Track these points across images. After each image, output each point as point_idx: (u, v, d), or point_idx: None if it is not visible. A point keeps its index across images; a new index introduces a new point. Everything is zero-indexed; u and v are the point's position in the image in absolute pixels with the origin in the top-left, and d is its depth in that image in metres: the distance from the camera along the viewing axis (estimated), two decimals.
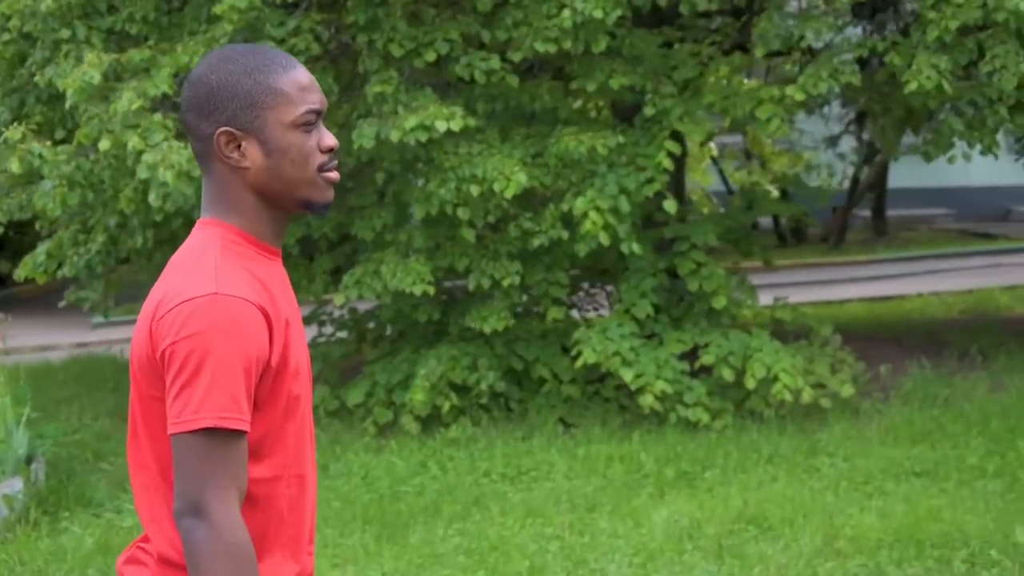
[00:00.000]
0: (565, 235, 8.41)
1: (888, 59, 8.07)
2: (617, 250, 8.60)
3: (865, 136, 15.04)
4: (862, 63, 9.22)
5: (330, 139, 2.22)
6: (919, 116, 9.40)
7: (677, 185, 10.31)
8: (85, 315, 14.82)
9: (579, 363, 8.40)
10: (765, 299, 14.36)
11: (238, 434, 2.07)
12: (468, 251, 8.63)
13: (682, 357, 8.82)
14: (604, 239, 8.14)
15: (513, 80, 8.41)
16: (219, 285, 2.08)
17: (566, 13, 7.92)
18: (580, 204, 8.16)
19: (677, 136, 10.54)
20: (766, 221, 20.56)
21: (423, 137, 7.76)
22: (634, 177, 8.37)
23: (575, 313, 10.14)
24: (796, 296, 15.29)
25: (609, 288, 9.80)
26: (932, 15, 7.77)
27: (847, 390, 8.50)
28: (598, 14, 7.87)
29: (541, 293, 8.93)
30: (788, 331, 9.74)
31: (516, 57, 8.30)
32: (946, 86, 7.66)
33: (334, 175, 2.22)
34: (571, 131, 8.38)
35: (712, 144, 15.81)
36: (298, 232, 8.78)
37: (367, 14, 8.13)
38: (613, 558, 5.94)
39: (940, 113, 8.44)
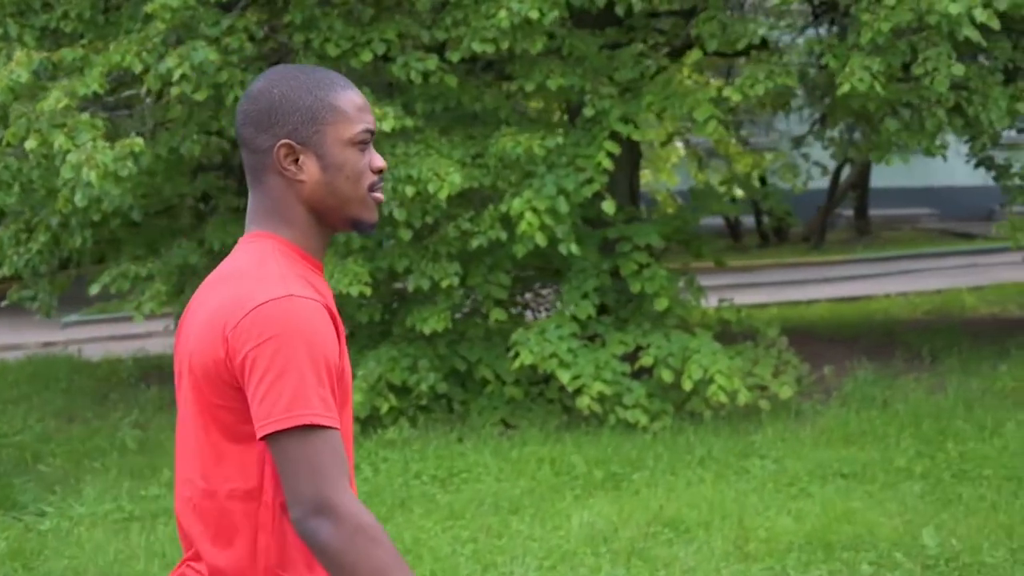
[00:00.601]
0: (504, 236, 8.39)
1: (825, 61, 8.05)
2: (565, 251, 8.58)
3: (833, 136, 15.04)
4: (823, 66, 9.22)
5: (380, 160, 2.27)
6: (871, 118, 9.39)
7: (630, 185, 10.30)
8: (58, 314, 14.78)
9: (515, 364, 8.38)
10: (742, 299, 14.38)
11: (333, 430, 2.07)
12: (408, 252, 8.61)
13: (624, 358, 8.80)
14: (540, 240, 8.13)
15: (452, 80, 8.39)
16: (289, 288, 2.11)
17: (502, 13, 7.91)
18: (517, 205, 8.14)
19: (617, 137, 10.55)
20: (748, 220, 20.58)
21: None
22: (573, 178, 8.35)
23: (529, 314, 10.13)
24: (772, 296, 15.34)
25: (556, 289, 9.78)
26: (867, 17, 7.75)
27: (786, 392, 8.48)
28: (534, 14, 7.86)
29: (484, 294, 8.91)
30: (736, 332, 9.72)
31: (454, 57, 8.28)
32: (878, 88, 7.64)
33: (381, 196, 2.27)
34: (509, 132, 8.37)
35: (680, 144, 15.79)
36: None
37: (304, 13, 8.12)
38: (523, 561, 5.92)
39: (880, 116, 8.40)
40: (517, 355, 8.45)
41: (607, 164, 8.35)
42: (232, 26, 7.88)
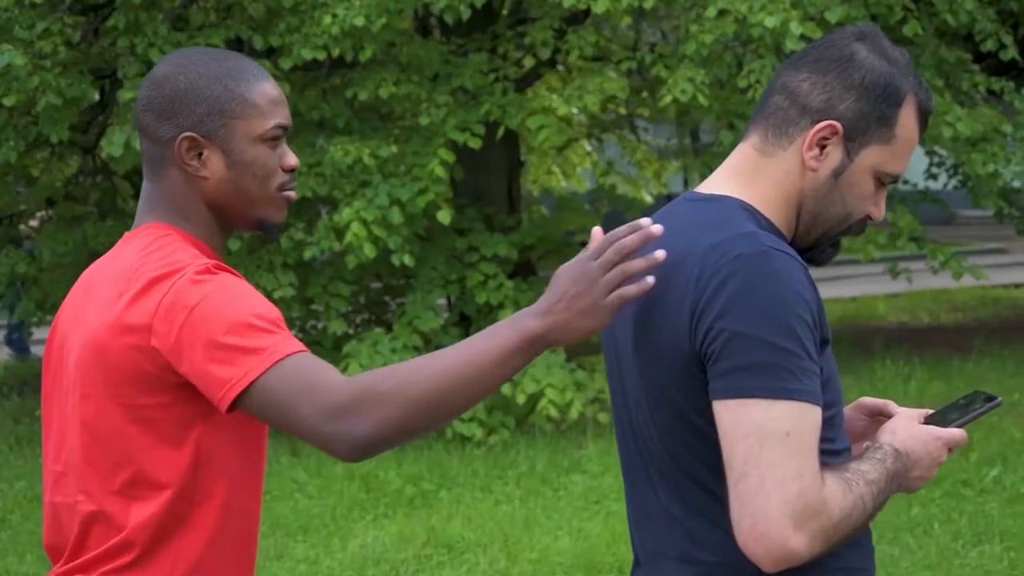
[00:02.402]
0: (337, 246, 8.25)
1: (655, 71, 7.93)
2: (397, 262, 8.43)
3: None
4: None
5: (292, 158, 2.11)
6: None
7: (509, 192, 10.17)
8: None
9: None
10: None
11: (305, 353, 1.95)
12: (243, 261, 8.46)
13: None
14: (369, 251, 7.97)
15: (284, 88, 8.24)
16: (207, 263, 1.98)
17: (327, 20, 7.78)
18: (346, 215, 8.00)
19: (517, 143, 10.38)
20: None
21: None
22: (408, 188, 8.20)
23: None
24: None
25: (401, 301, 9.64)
26: (694, 28, 7.64)
27: None
28: (359, 22, 7.73)
29: (324, 305, 8.77)
30: (600, 344, 9.55)
31: (286, 64, 8.15)
32: (701, 99, 7.51)
33: (293, 195, 2.12)
34: (340, 141, 8.23)
35: (591, 149, 15.66)
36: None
37: (128, 17, 7.96)
38: None
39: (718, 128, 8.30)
40: (346, 368, 8.30)
41: (441, 173, 8.20)
42: (47, 29, 7.72)
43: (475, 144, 8.35)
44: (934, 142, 8.96)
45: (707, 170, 13.20)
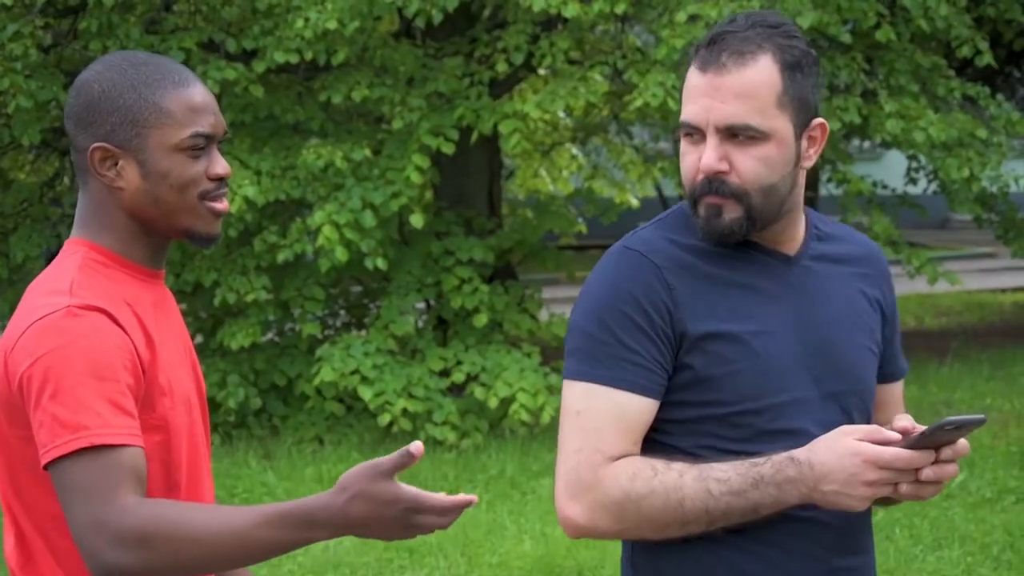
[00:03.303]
0: (310, 249, 8.25)
1: (627, 76, 7.94)
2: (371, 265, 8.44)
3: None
4: None
5: (220, 167, 2.04)
6: None
7: (489, 195, 10.18)
8: None
9: (316, 380, 8.23)
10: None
11: (117, 448, 1.86)
12: (216, 265, 8.47)
13: (443, 375, 8.66)
14: (341, 255, 7.97)
15: (258, 91, 8.25)
16: (70, 300, 1.92)
17: (300, 23, 7.79)
18: (318, 218, 8.01)
19: (495, 147, 10.37)
20: None
21: None
22: (382, 191, 8.20)
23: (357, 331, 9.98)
24: None
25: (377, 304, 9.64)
26: (666, 33, 7.65)
27: None
28: (331, 25, 7.75)
29: (298, 307, 8.78)
30: None
31: (259, 67, 8.15)
32: (672, 104, 7.51)
33: (220, 205, 2.05)
34: (313, 145, 8.24)
35: (578, 153, 15.69)
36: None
37: (100, 20, 7.97)
38: None
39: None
40: (319, 371, 8.30)
41: (415, 178, 8.21)
42: (18, 32, 7.72)
43: (448, 149, 8.34)
44: (910, 147, 8.96)
45: None
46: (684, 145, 2.09)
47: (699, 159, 2.06)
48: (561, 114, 12.34)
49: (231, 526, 1.84)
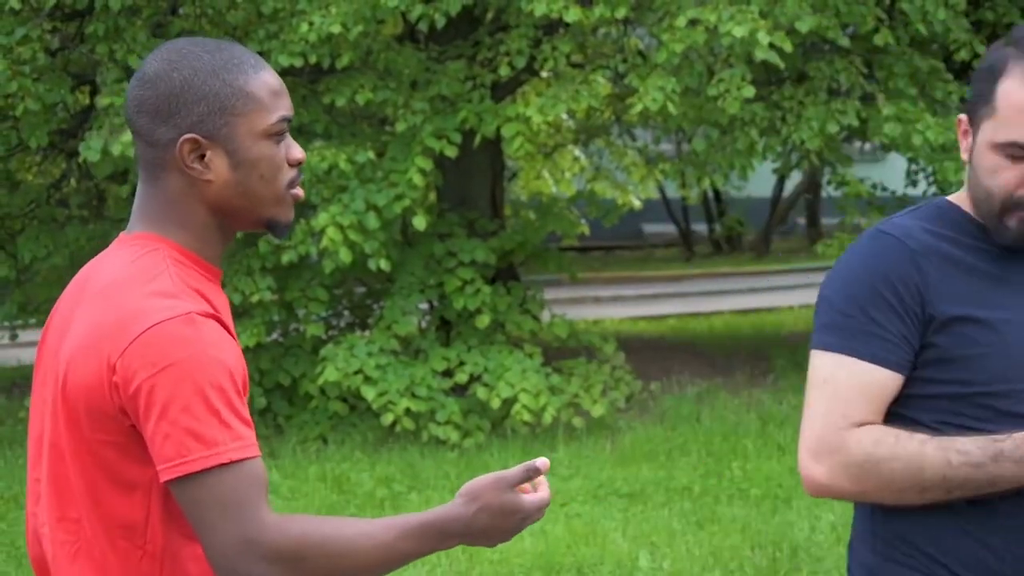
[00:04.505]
0: (314, 251, 8.35)
1: (628, 80, 8.02)
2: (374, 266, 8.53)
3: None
4: None
5: (299, 151, 1.97)
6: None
7: (492, 197, 10.26)
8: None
9: (320, 380, 8.32)
10: (647, 311, 14.25)
11: (251, 460, 1.82)
12: (222, 266, 8.54)
13: (446, 375, 8.75)
14: (345, 256, 8.07)
15: None
16: (185, 305, 1.83)
17: (304, 27, 7.88)
18: (322, 220, 8.10)
19: (495, 148, 10.44)
20: (702, 228, 20.68)
21: None
22: (385, 193, 8.30)
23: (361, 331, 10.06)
24: (684, 307, 15.26)
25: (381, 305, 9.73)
26: (666, 37, 7.73)
27: (598, 409, 8.42)
28: (335, 29, 7.84)
29: (302, 308, 8.87)
30: (580, 348, 9.65)
31: None
32: (671, 108, 7.60)
33: (300, 192, 1.98)
34: (317, 147, 8.33)
35: (580, 154, 15.75)
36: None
37: (107, 24, 8.07)
38: None
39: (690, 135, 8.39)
40: (323, 371, 8.39)
41: (418, 180, 8.30)
42: (27, 35, 7.82)
43: (451, 151, 8.43)
44: (908, 150, 9.04)
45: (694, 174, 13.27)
46: (1000, 159, 2.15)
47: (1020, 178, 2.14)
48: (564, 116, 12.42)
49: (376, 539, 1.84)
